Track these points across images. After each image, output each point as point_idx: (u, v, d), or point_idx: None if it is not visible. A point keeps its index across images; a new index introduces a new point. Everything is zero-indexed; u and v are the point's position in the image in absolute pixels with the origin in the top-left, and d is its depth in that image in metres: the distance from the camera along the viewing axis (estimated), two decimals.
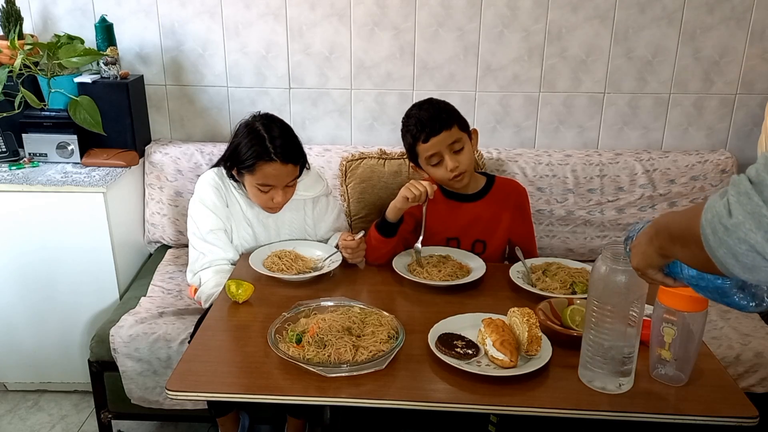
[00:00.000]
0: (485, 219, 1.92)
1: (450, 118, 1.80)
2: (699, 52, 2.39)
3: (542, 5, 2.36)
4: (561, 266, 1.78)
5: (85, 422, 2.27)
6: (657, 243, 0.97)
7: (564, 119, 2.51)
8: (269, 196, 1.81)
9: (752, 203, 0.73)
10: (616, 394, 1.27)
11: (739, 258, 0.74)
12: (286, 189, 1.82)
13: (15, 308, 2.25)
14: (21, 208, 2.14)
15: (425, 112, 1.81)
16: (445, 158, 1.80)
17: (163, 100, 2.55)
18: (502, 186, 1.96)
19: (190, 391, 1.30)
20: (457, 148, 1.80)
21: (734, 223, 0.74)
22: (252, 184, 1.80)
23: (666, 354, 1.28)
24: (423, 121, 1.79)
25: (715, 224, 0.76)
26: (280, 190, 1.80)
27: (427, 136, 1.78)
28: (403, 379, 1.31)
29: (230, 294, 1.60)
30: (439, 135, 1.78)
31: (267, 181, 1.77)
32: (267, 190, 1.80)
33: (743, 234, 0.73)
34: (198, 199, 1.89)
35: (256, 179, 1.78)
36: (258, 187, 1.79)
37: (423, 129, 1.79)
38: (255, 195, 1.83)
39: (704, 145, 2.51)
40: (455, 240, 1.93)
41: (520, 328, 1.37)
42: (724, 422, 1.22)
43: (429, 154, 1.81)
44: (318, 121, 2.55)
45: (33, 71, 2.25)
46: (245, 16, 2.42)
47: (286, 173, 1.78)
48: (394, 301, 1.64)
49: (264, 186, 1.79)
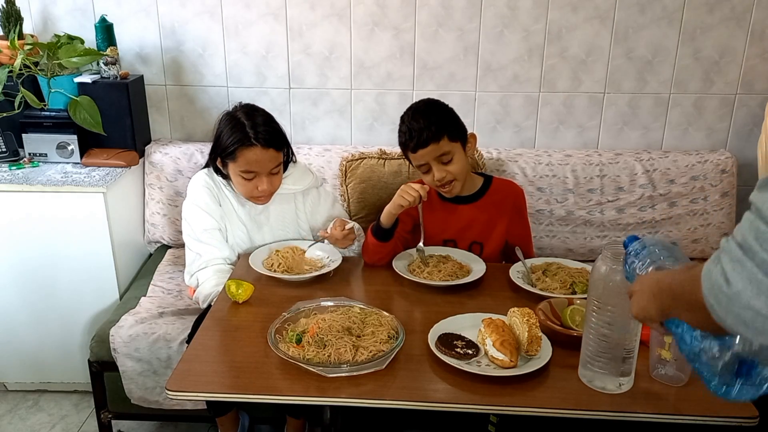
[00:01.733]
0: (482, 221, 1.92)
1: (439, 131, 1.77)
2: (699, 52, 2.39)
3: (542, 5, 2.36)
4: (561, 266, 1.78)
5: (85, 422, 2.27)
6: (659, 303, 0.97)
7: (564, 119, 2.51)
8: (254, 185, 1.81)
9: (747, 270, 0.73)
10: (615, 394, 1.27)
11: (749, 324, 0.74)
12: (270, 177, 1.82)
13: (15, 308, 2.25)
14: (21, 208, 2.14)
15: (416, 121, 1.79)
16: (433, 169, 1.80)
17: (163, 100, 2.55)
18: (499, 187, 1.96)
19: (190, 391, 1.30)
20: (446, 160, 1.79)
21: (735, 292, 0.74)
22: (236, 173, 1.80)
23: (666, 354, 1.28)
24: (412, 132, 1.78)
25: (716, 293, 0.77)
26: (264, 177, 1.80)
27: (415, 147, 1.78)
28: (403, 379, 1.31)
29: (230, 294, 1.60)
30: (426, 148, 1.77)
31: (249, 167, 1.77)
32: (251, 177, 1.79)
33: (746, 301, 0.73)
34: (191, 201, 1.89)
35: (238, 166, 1.78)
36: (242, 175, 1.79)
37: (411, 139, 1.78)
38: (240, 184, 1.82)
39: (704, 145, 2.51)
40: (452, 242, 1.93)
41: (520, 328, 1.37)
42: (724, 422, 1.22)
43: (417, 163, 1.83)
44: (318, 121, 2.55)
45: (33, 71, 2.25)
46: (245, 16, 2.42)
47: (267, 158, 1.78)
48: (394, 301, 1.64)
49: (247, 173, 1.79)
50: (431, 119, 1.79)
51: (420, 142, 1.77)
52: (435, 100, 1.86)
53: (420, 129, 1.77)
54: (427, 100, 1.87)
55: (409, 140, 1.79)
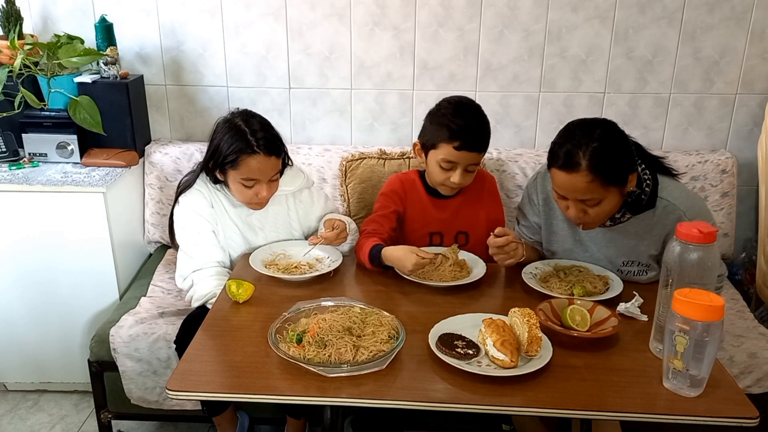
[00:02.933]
0: (465, 210, 1.96)
1: (487, 144, 1.81)
2: (699, 52, 2.39)
3: (542, 5, 2.35)
4: (583, 270, 1.73)
5: (85, 422, 2.27)
6: None
7: (564, 119, 2.47)
8: (254, 192, 1.81)
9: None
10: (615, 394, 1.27)
11: None
12: (270, 183, 1.82)
13: (15, 308, 2.25)
14: (21, 208, 2.14)
15: (475, 121, 1.78)
16: (456, 171, 1.80)
17: (163, 100, 2.55)
18: (475, 177, 1.96)
19: (190, 391, 1.30)
20: (471, 169, 1.82)
21: None
22: (236, 180, 1.80)
23: (678, 364, 1.25)
24: (469, 131, 1.76)
25: None
26: (264, 184, 1.80)
27: (462, 146, 1.76)
28: (403, 379, 1.31)
29: (230, 294, 1.60)
30: (471, 153, 1.77)
31: (251, 174, 1.77)
32: (251, 185, 1.79)
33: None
34: (183, 203, 1.88)
35: (240, 174, 1.78)
36: (242, 183, 1.79)
37: (463, 138, 1.75)
38: (239, 191, 1.82)
39: (704, 145, 2.51)
40: (438, 234, 1.95)
41: (521, 329, 1.37)
42: (725, 422, 1.22)
43: (448, 158, 1.79)
44: (318, 121, 2.55)
45: (33, 71, 2.25)
46: (245, 16, 2.42)
47: (269, 166, 1.79)
48: (394, 301, 1.64)
49: (248, 180, 1.79)
50: (486, 129, 1.81)
51: (471, 145, 1.76)
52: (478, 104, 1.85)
53: (478, 133, 1.78)
54: (479, 108, 1.84)
55: (460, 138, 1.75)
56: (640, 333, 1.47)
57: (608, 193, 1.55)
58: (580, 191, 1.54)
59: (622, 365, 1.36)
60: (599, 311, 1.50)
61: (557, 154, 1.56)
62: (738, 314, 2.11)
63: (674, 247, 1.31)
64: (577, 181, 1.52)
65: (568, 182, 1.54)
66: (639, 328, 1.49)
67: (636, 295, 1.57)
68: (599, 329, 1.45)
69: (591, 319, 1.48)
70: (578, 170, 1.51)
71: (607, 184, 1.53)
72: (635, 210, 1.65)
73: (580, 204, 1.58)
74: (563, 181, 1.56)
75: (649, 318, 1.50)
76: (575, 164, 1.51)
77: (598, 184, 1.52)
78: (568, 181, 1.54)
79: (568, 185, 1.55)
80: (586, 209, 1.58)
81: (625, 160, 1.56)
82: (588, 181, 1.52)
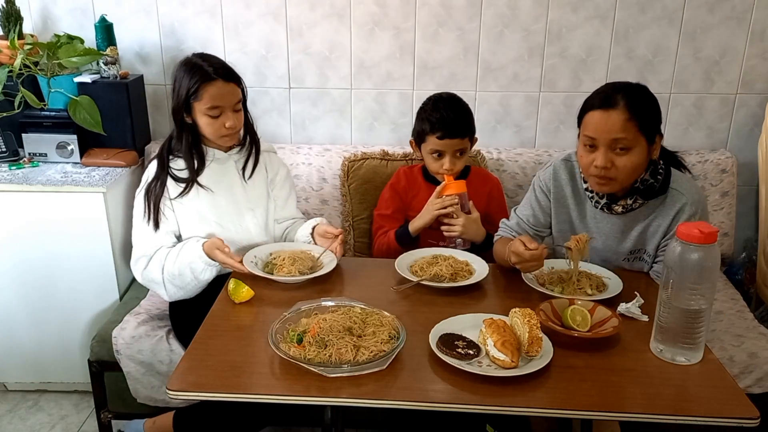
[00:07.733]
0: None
1: (468, 128, 1.98)
2: (699, 52, 2.39)
3: (542, 5, 2.35)
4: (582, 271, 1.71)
5: (85, 422, 2.27)
6: None
7: (564, 119, 2.51)
8: (221, 122, 1.86)
9: None
10: (615, 395, 1.27)
11: None
12: (235, 114, 1.88)
13: (15, 308, 2.25)
14: (21, 208, 2.14)
15: (452, 112, 1.95)
16: (446, 158, 1.97)
17: (163, 100, 2.54)
18: (477, 172, 2.15)
19: (191, 391, 1.30)
20: (459, 154, 1.98)
21: None
22: (202, 113, 1.85)
23: None
24: (446, 121, 1.93)
25: None
26: (229, 112, 1.87)
27: (443, 135, 1.94)
28: (404, 379, 1.31)
29: (230, 292, 1.60)
30: (453, 140, 1.94)
31: (214, 102, 1.84)
32: (217, 114, 1.85)
33: None
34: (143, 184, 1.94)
35: (204, 104, 1.84)
36: (208, 114, 1.85)
37: (442, 128, 1.93)
38: (208, 125, 1.87)
39: (704, 145, 2.51)
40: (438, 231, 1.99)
41: (521, 329, 1.37)
42: (725, 422, 1.22)
43: (435, 148, 1.96)
44: (318, 120, 2.55)
45: (33, 71, 2.25)
46: (245, 16, 2.42)
47: (229, 92, 1.86)
48: (395, 301, 1.64)
49: (213, 109, 1.84)
50: (464, 114, 1.98)
51: (451, 133, 1.93)
52: (459, 98, 2.02)
53: (454, 120, 1.94)
54: (455, 97, 2.01)
55: (440, 128, 1.93)
56: (640, 333, 1.47)
57: (637, 143, 1.58)
58: (615, 130, 1.57)
59: (622, 365, 1.36)
60: (600, 311, 1.50)
61: (593, 98, 1.63)
62: (738, 314, 2.11)
63: (675, 248, 1.32)
64: (614, 119, 1.56)
65: (604, 121, 1.57)
66: (639, 329, 1.49)
67: (637, 296, 1.57)
68: (600, 329, 1.45)
69: (592, 319, 1.48)
70: (616, 107, 1.57)
71: (640, 129, 1.57)
72: (647, 196, 1.70)
73: (610, 153, 1.59)
74: (598, 121, 1.59)
75: (649, 318, 1.50)
76: (614, 102, 1.57)
77: (633, 124, 1.56)
78: (605, 120, 1.57)
79: (603, 125, 1.58)
80: (614, 159, 1.59)
81: (657, 113, 1.63)
82: (625, 119, 1.56)
